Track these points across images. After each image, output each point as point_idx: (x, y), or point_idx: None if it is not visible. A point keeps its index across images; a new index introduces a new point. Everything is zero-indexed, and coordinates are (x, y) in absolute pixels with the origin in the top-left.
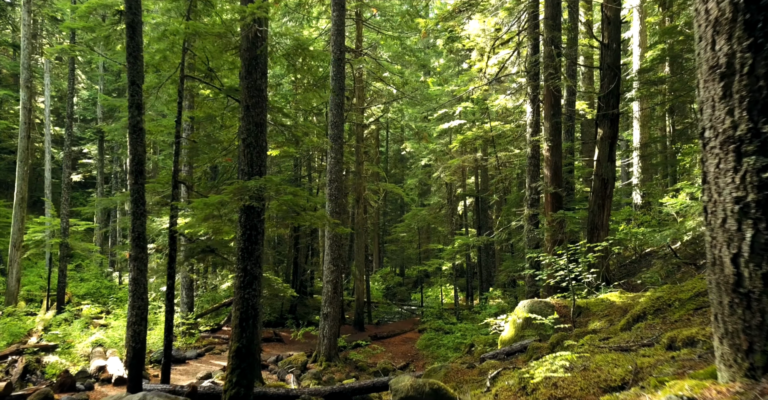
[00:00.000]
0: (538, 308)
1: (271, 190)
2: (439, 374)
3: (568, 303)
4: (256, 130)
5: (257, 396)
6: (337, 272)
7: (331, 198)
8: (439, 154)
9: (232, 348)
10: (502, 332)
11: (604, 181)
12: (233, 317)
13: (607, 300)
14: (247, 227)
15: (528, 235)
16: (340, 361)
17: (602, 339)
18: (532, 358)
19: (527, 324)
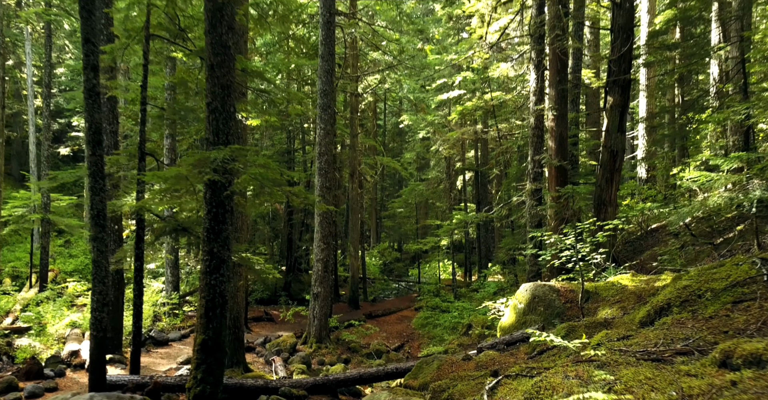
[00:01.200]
0: (541, 292)
1: (239, 163)
2: (431, 367)
3: (574, 287)
4: (222, 94)
5: (234, 388)
6: (328, 250)
7: (321, 172)
8: (438, 127)
9: (197, 341)
10: (501, 318)
11: (613, 154)
12: (198, 305)
13: (618, 284)
14: (213, 205)
15: (530, 211)
16: (332, 342)
17: (622, 338)
18: (536, 351)
19: (530, 310)
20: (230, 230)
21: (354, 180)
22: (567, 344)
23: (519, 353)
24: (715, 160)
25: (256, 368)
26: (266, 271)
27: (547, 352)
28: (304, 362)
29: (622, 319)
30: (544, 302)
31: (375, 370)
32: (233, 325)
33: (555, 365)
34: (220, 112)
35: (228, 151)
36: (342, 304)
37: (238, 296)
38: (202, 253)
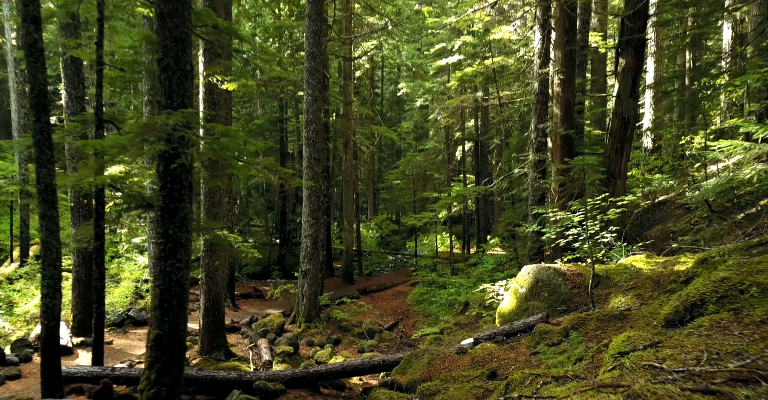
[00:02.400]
0: (545, 275)
1: (193, 130)
2: (421, 362)
3: (582, 270)
4: (175, 49)
5: (204, 381)
6: (317, 225)
7: (309, 142)
8: (436, 95)
9: (150, 336)
10: (500, 302)
11: (624, 121)
12: (152, 295)
13: (632, 266)
14: (167, 179)
15: (532, 184)
16: (322, 321)
17: (650, 345)
18: (540, 344)
19: (532, 295)
20: (189, 209)
21: (348, 150)
22: None
23: (520, 347)
24: (747, 126)
25: (240, 350)
26: (244, 250)
27: (553, 347)
28: (291, 343)
29: (640, 311)
30: (548, 287)
31: (360, 362)
32: (212, 307)
33: (569, 392)
34: (173, 71)
35: (180, 116)
36: (336, 278)
37: (218, 276)
38: (156, 235)
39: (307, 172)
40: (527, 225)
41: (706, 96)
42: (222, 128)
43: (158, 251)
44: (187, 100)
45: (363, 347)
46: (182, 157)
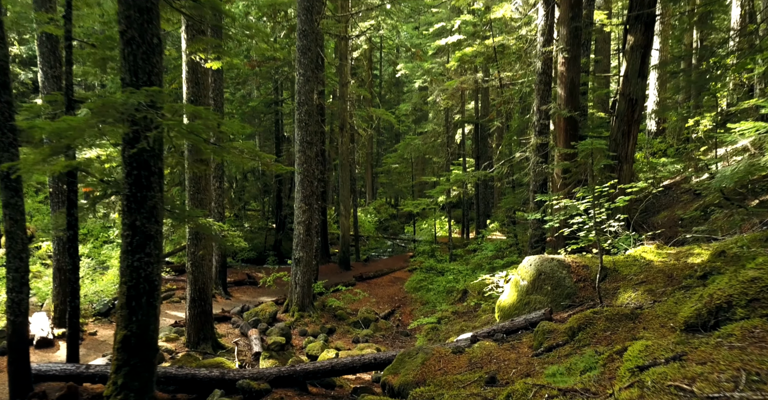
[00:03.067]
0: (548, 268)
1: (160, 110)
2: (414, 362)
3: (588, 262)
4: (140, 19)
5: (184, 380)
6: (310, 211)
7: (301, 125)
8: (435, 76)
9: (117, 337)
10: (500, 295)
11: (631, 102)
12: (119, 293)
13: (641, 258)
14: (133, 166)
15: (534, 169)
16: (316, 310)
17: (673, 358)
18: (543, 347)
19: (534, 288)
20: (159, 198)
21: (344, 133)
22: None
23: (522, 347)
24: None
25: (230, 341)
26: (230, 239)
27: (557, 349)
28: (283, 333)
29: (653, 310)
30: (551, 280)
31: (350, 360)
32: (199, 297)
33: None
34: (138, 44)
35: (143, 94)
36: (332, 264)
37: (204, 266)
38: (122, 226)
39: (299, 157)
40: (528, 211)
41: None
42: (192, 109)
43: (124, 244)
44: (155, 78)
45: (358, 337)
46: (143, 140)
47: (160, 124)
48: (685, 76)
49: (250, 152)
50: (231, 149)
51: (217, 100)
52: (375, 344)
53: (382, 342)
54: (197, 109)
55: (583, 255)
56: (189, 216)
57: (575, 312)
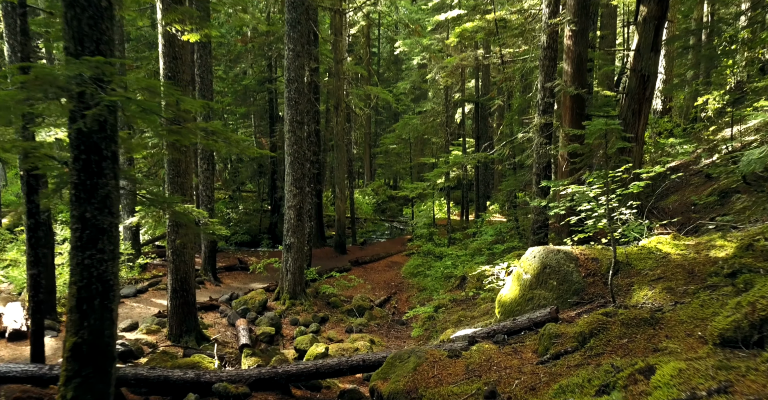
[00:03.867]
0: (554, 260)
1: (108, 85)
2: (406, 367)
3: (597, 254)
4: None
5: (157, 382)
6: (301, 195)
7: (291, 103)
8: (434, 52)
9: (66, 345)
10: (501, 288)
11: (643, 79)
12: (69, 294)
13: (657, 250)
14: (81, 149)
15: (537, 150)
16: (308, 298)
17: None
18: (549, 353)
19: (538, 283)
20: (114, 186)
21: (339, 113)
22: None
23: (525, 351)
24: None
25: (217, 331)
26: (211, 228)
27: (565, 356)
28: (272, 323)
29: (676, 313)
30: (557, 275)
31: (336, 362)
32: (181, 287)
33: None
34: (83, 7)
35: (86, 66)
36: (328, 248)
37: (186, 254)
38: (71, 219)
39: (289, 137)
40: (531, 194)
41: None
42: (145, 83)
43: (74, 239)
44: (104, 47)
45: (351, 327)
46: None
47: (101, 101)
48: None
49: (222, 133)
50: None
51: (205, 77)
52: (369, 333)
53: (376, 332)
54: (152, 83)
55: (592, 246)
56: (164, 203)
57: (584, 310)
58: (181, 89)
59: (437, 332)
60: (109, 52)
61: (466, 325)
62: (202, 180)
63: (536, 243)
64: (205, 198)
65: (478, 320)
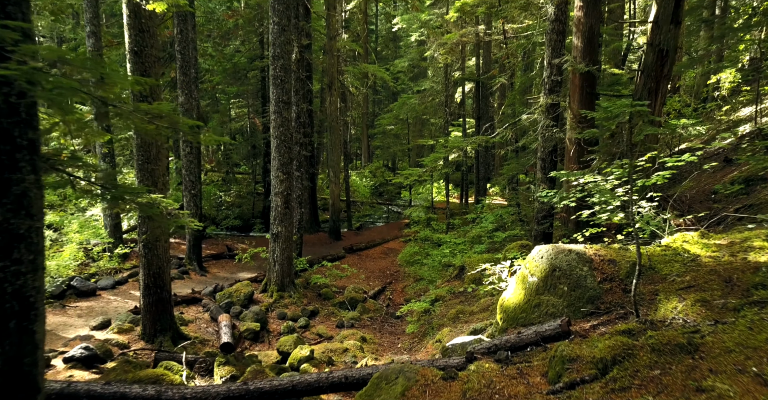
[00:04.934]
0: (564, 262)
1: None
2: (393, 391)
3: (614, 255)
4: None
5: (111, 399)
6: (288, 180)
7: (276, 82)
8: (433, 28)
9: None
10: (504, 291)
11: (661, 54)
12: None
13: (683, 251)
14: None
15: (543, 133)
16: (297, 289)
17: None
18: (562, 380)
19: (546, 287)
20: (33, 181)
21: (333, 92)
22: None
23: (532, 374)
24: None
25: (198, 327)
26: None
27: (581, 387)
28: (257, 318)
29: (718, 338)
30: (568, 279)
31: (314, 378)
32: (155, 283)
33: None
34: None
35: None
36: (322, 234)
37: (159, 247)
38: None
39: (275, 119)
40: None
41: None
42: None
43: None
44: (14, 9)
45: (342, 321)
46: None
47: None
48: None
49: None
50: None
51: (186, 53)
52: (361, 328)
53: (369, 326)
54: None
55: (608, 246)
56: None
57: (601, 322)
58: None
59: (433, 328)
60: (22, 17)
61: (465, 321)
62: (185, 164)
63: (541, 234)
64: (188, 183)
65: (477, 316)
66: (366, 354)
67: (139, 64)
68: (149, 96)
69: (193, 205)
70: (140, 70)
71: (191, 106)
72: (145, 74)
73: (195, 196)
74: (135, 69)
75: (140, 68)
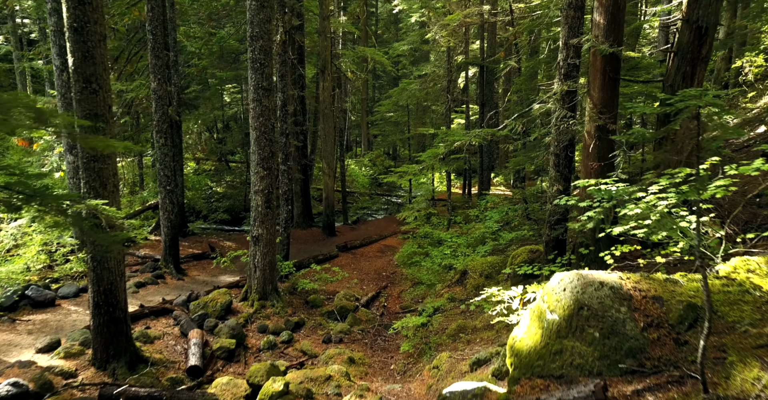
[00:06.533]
0: (595, 298)
1: None
2: None
3: (659, 289)
4: None
5: None
6: (270, 177)
7: (255, 66)
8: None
9: None
10: (514, 330)
11: (699, 32)
12: None
13: (751, 286)
14: None
15: (558, 124)
16: (282, 297)
17: None
18: None
19: (571, 330)
20: None
21: (326, 77)
22: None
23: None
24: None
25: (165, 345)
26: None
27: None
28: (233, 333)
29: None
30: (600, 322)
31: None
32: (106, 301)
33: None
34: None
35: None
36: (315, 229)
37: (110, 260)
38: None
39: (254, 107)
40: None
41: None
42: None
43: None
44: None
45: (330, 335)
46: None
47: None
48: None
49: None
50: None
51: (158, 34)
52: (351, 344)
53: (360, 341)
54: None
55: (650, 277)
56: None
57: (648, 387)
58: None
59: (430, 348)
60: None
61: (467, 341)
62: (159, 157)
63: (553, 241)
64: (163, 178)
65: (481, 334)
66: (353, 382)
67: (80, 43)
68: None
69: (169, 202)
70: (82, 51)
71: (165, 93)
72: (88, 55)
73: (171, 193)
74: (76, 49)
75: (82, 48)
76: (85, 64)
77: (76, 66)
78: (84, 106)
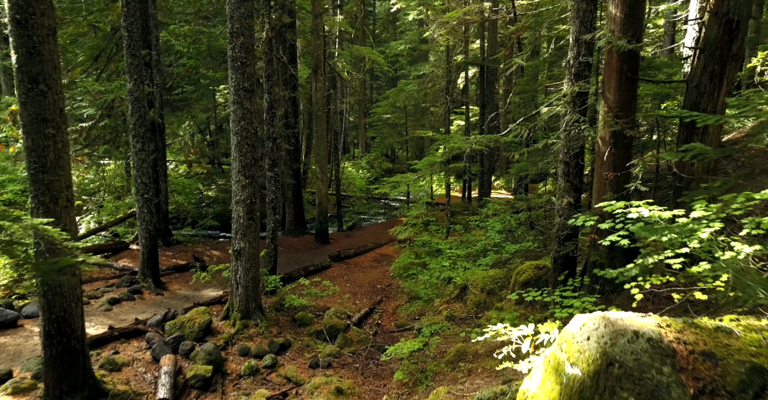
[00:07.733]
0: (629, 353)
1: None
2: None
3: (708, 341)
4: None
5: None
6: (251, 186)
7: (235, 65)
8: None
9: None
10: (525, 381)
11: (729, 27)
12: None
13: None
14: None
15: (568, 129)
16: (266, 315)
17: None
18: None
19: (598, 390)
20: None
21: (319, 77)
22: None
23: None
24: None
25: (135, 373)
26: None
27: None
28: (211, 359)
29: None
30: (637, 385)
31: None
32: (59, 331)
33: None
34: None
35: None
36: (308, 237)
37: (64, 283)
38: None
39: (234, 110)
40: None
41: None
42: None
43: None
44: None
45: (318, 358)
46: None
47: None
48: None
49: None
50: None
51: (135, 31)
52: (340, 369)
53: (350, 365)
54: None
55: (693, 323)
56: None
57: None
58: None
59: (427, 378)
60: None
61: (467, 372)
62: (136, 163)
63: (562, 258)
64: (140, 186)
65: (483, 363)
66: None
67: (24, 38)
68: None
69: (147, 211)
70: (27, 46)
71: (143, 94)
72: (34, 52)
73: (149, 201)
74: (20, 44)
75: (26, 43)
76: (30, 62)
77: (20, 64)
78: (30, 109)
